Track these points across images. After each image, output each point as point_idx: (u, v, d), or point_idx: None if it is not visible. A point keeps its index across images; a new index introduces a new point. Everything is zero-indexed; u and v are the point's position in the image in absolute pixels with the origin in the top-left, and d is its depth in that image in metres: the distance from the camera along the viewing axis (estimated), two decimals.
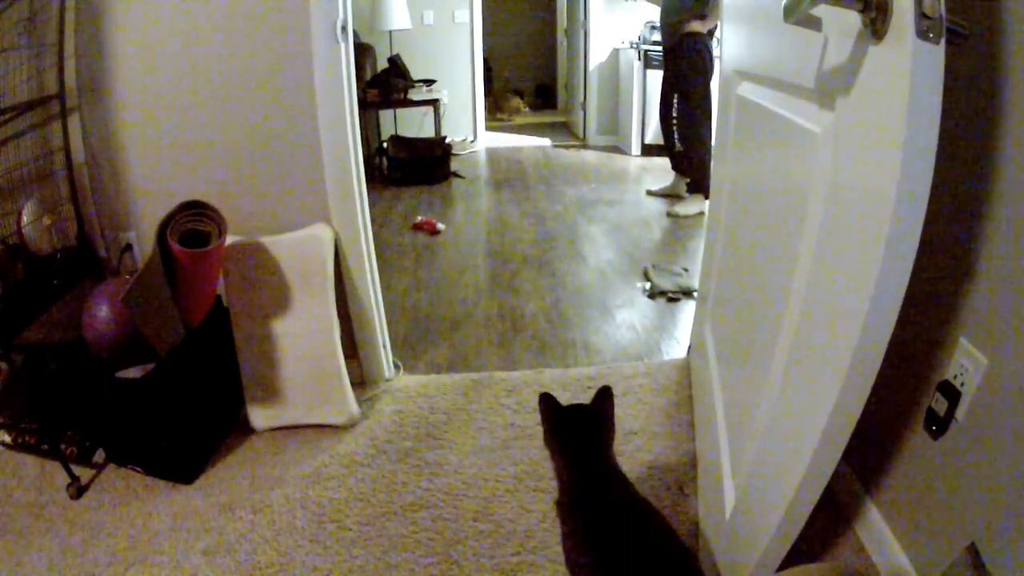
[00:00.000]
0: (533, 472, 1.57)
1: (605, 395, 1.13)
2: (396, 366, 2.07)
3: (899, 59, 0.64)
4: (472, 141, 5.80)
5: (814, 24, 0.85)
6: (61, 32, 1.59)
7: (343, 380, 1.76)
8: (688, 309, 2.43)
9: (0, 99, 1.56)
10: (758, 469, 1.05)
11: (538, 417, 1.77)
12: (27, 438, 1.69)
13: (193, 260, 1.50)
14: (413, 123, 5.32)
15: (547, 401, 1.14)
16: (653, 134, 4.98)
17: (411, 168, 4.57)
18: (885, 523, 1.23)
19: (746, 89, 1.37)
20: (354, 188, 1.75)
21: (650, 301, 2.55)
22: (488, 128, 6.15)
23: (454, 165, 4.81)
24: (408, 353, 2.19)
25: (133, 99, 1.68)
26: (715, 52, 3.33)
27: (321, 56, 1.59)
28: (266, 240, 1.70)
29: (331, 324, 1.73)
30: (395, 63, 4.74)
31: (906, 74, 0.63)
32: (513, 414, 1.81)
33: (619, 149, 5.57)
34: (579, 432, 1.10)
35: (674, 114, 3.61)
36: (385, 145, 4.69)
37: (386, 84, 4.58)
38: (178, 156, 1.74)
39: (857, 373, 0.76)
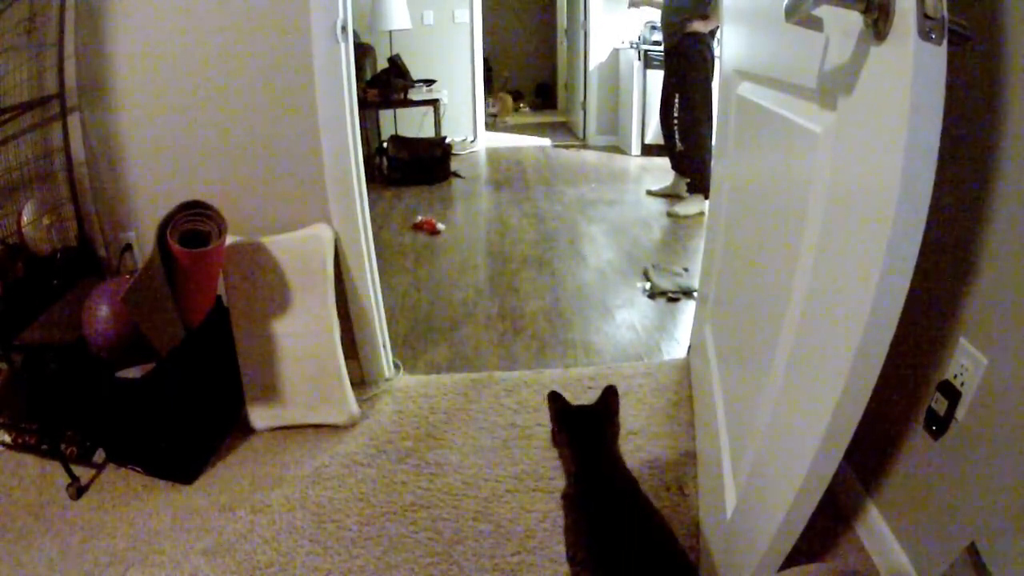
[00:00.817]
0: (533, 472, 1.57)
1: (610, 393, 1.16)
2: (396, 366, 2.07)
3: (901, 60, 0.64)
4: (472, 141, 5.80)
5: (815, 24, 0.85)
6: (61, 32, 1.59)
7: (343, 380, 1.76)
8: (688, 309, 2.43)
9: (0, 99, 1.56)
10: (759, 469, 1.05)
11: (538, 417, 1.78)
12: (27, 438, 1.69)
13: (193, 260, 1.50)
14: (413, 123, 5.32)
15: (556, 400, 1.17)
16: (653, 134, 4.99)
17: (411, 168, 4.57)
18: (885, 523, 1.24)
19: (746, 89, 1.37)
20: (354, 188, 1.75)
21: (650, 301, 2.55)
22: (488, 128, 6.14)
23: (454, 165, 4.81)
24: (408, 353, 2.19)
25: (133, 99, 1.68)
26: (716, 52, 3.33)
27: (321, 56, 1.59)
28: (266, 240, 1.70)
29: (331, 324, 1.73)
30: (395, 63, 4.73)
31: (908, 75, 0.63)
32: (513, 414, 1.81)
33: (619, 149, 5.57)
34: (585, 429, 1.13)
35: (675, 114, 3.61)
36: (385, 145, 4.69)
37: (386, 84, 4.58)
38: (178, 156, 1.74)
39: (859, 374, 0.76)
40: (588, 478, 1.07)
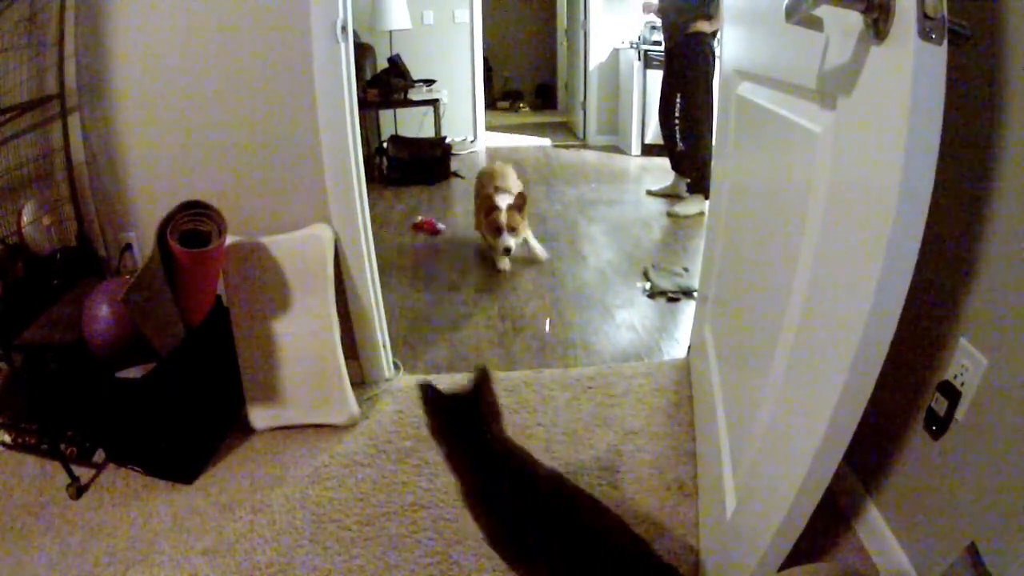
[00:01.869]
0: None
1: (481, 375, 1.10)
2: (396, 366, 2.07)
3: (901, 60, 0.64)
4: (472, 141, 5.80)
5: (815, 24, 0.85)
6: (61, 32, 1.59)
7: (343, 380, 1.76)
8: (688, 309, 2.43)
9: (0, 99, 1.56)
10: (759, 469, 1.05)
11: (538, 417, 1.78)
12: (27, 438, 1.69)
13: (193, 260, 1.50)
14: (413, 123, 5.31)
15: (427, 390, 1.09)
16: (653, 134, 4.98)
17: (411, 168, 4.56)
18: (885, 523, 1.24)
19: (746, 89, 1.37)
20: (354, 188, 1.75)
21: (650, 301, 2.55)
22: (488, 128, 6.14)
23: (454, 165, 4.81)
24: (408, 353, 2.19)
25: (133, 99, 1.68)
26: (717, 52, 3.33)
27: (321, 56, 1.59)
28: (266, 240, 1.69)
29: (331, 324, 1.73)
30: (395, 63, 4.73)
31: (908, 75, 0.63)
32: (513, 414, 1.81)
33: (619, 149, 5.57)
34: (465, 419, 1.06)
35: (676, 114, 3.61)
36: (385, 145, 4.69)
37: (386, 84, 4.58)
38: (178, 156, 1.73)
39: (859, 373, 0.76)
40: (481, 465, 1.03)
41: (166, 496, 1.55)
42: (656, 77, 4.53)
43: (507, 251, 2.76)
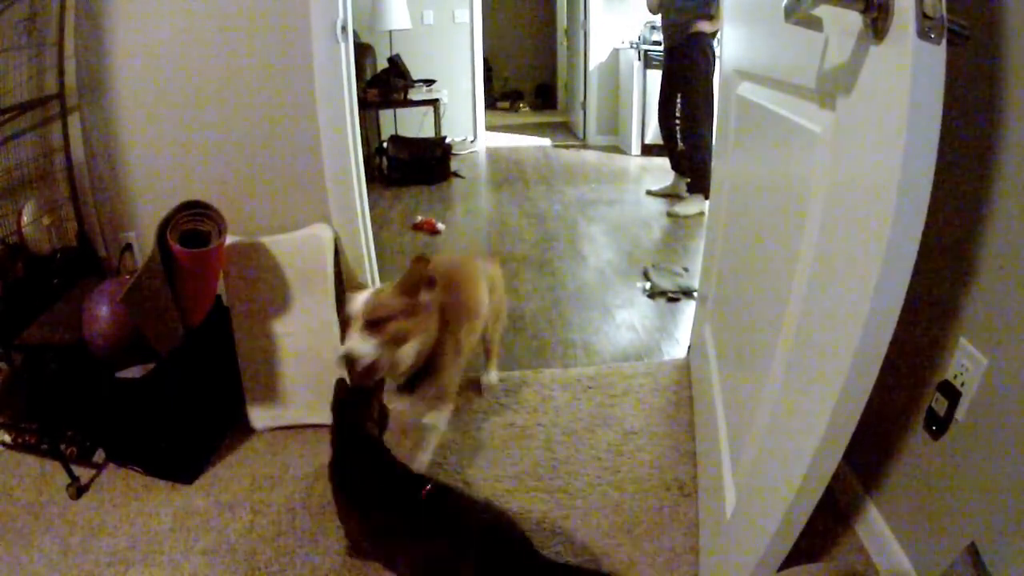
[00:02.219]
0: (533, 472, 1.57)
1: (376, 385, 1.33)
2: None
3: (900, 59, 0.64)
4: (472, 141, 5.81)
5: (815, 24, 0.85)
6: (61, 32, 1.60)
7: None
8: (688, 309, 2.43)
9: (0, 99, 1.56)
10: (759, 469, 1.05)
11: (539, 416, 1.78)
12: (27, 438, 1.69)
13: (193, 260, 1.50)
14: (413, 123, 5.32)
15: (339, 383, 1.33)
16: (653, 134, 4.99)
17: (411, 168, 4.57)
18: (885, 523, 1.24)
19: (746, 89, 1.37)
20: (354, 188, 1.75)
21: (650, 301, 2.55)
22: (488, 128, 6.14)
23: (454, 165, 4.81)
24: None
25: (133, 99, 1.68)
26: (717, 52, 3.33)
27: (321, 56, 1.60)
28: (266, 240, 1.70)
29: (331, 324, 1.73)
30: (395, 63, 4.74)
31: (907, 74, 0.63)
32: (513, 414, 1.81)
33: (619, 149, 5.57)
34: (348, 408, 1.29)
35: (677, 114, 3.61)
36: (385, 145, 4.69)
37: (386, 84, 4.58)
38: (178, 156, 1.74)
39: (858, 373, 0.76)
40: (343, 445, 1.26)
41: (166, 496, 1.55)
42: (656, 77, 4.53)
43: (347, 361, 1.25)
